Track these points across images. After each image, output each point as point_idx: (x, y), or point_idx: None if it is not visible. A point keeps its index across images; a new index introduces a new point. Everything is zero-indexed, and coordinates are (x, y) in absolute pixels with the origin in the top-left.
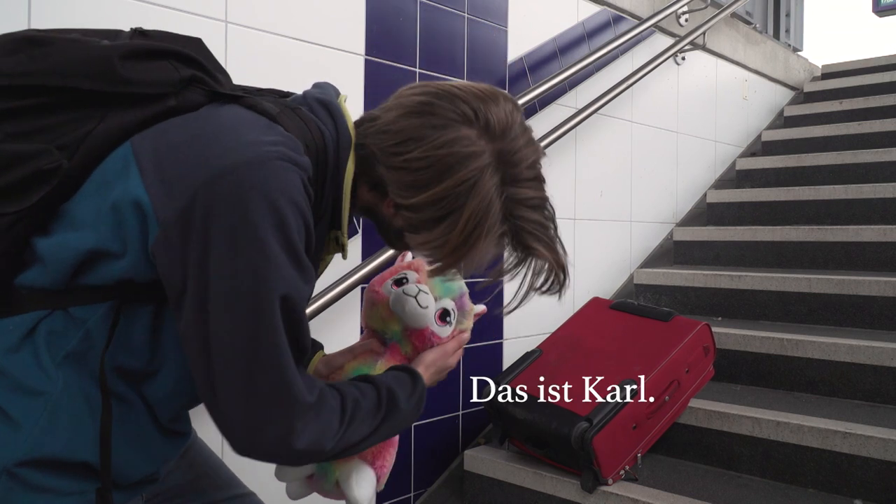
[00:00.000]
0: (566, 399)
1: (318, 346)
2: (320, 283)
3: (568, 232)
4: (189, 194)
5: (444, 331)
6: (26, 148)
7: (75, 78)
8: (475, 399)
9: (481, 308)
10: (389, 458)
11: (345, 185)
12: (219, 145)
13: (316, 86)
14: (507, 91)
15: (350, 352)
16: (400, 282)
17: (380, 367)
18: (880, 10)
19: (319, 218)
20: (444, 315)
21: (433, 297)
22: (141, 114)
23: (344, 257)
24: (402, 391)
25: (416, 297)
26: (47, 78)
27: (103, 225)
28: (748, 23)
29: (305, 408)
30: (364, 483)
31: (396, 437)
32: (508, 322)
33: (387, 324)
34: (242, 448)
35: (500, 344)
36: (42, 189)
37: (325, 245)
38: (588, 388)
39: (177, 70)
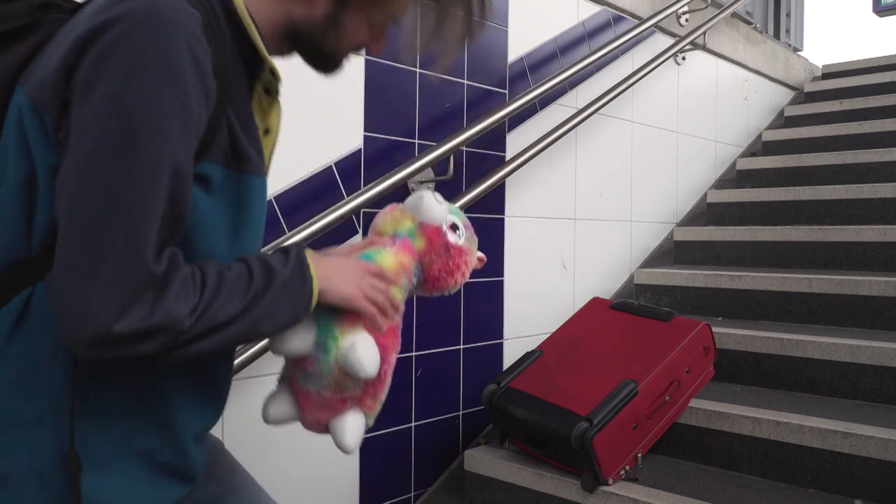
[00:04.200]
0: (566, 399)
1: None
2: None
3: (568, 232)
4: (79, 45)
5: (454, 237)
6: None
7: None
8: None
9: (482, 255)
10: (393, 340)
11: (239, 10)
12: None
13: None
14: (507, 91)
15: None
16: None
17: (386, 254)
18: (880, 10)
19: (230, 77)
20: (454, 226)
21: None
22: (12, 58)
23: (275, 94)
24: (276, 260)
25: (432, 193)
26: None
27: (19, 157)
28: (748, 23)
29: (152, 279)
30: (368, 348)
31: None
32: (508, 322)
33: (399, 223)
34: (73, 335)
35: (501, 344)
36: None
37: (258, 107)
38: (588, 388)
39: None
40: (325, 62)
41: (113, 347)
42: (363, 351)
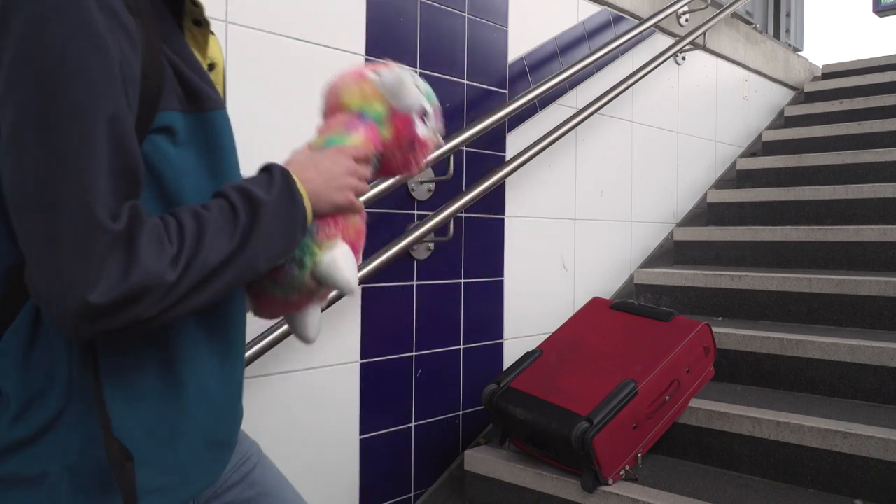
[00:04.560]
0: (566, 399)
1: None
2: None
3: (568, 232)
4: None
5: (422, 129)
6: None
7: None
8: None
9: (440, 141)
10: (356, 233)
11: None
12: None
13: None
14: (507, 91)
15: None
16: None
17: (353, 139)
18: (880, 10)
19: (152, 14)
20: (424, 114)
21: None
22: None
23: (206, 25)
24: (256, 185)
25: (413, 76)
26: None
27: None
28: (748, 23)
29: (114, 238)
30: (350, 263)
31: (358, 222)
32: (509, 322)
33: (369, 101)
34: (56, 312)
35: (501, 344)
36: None
37: (193, 42)
38: (588, 388)
39: None
40: None
41: (102, 320)
42: (345, 267)
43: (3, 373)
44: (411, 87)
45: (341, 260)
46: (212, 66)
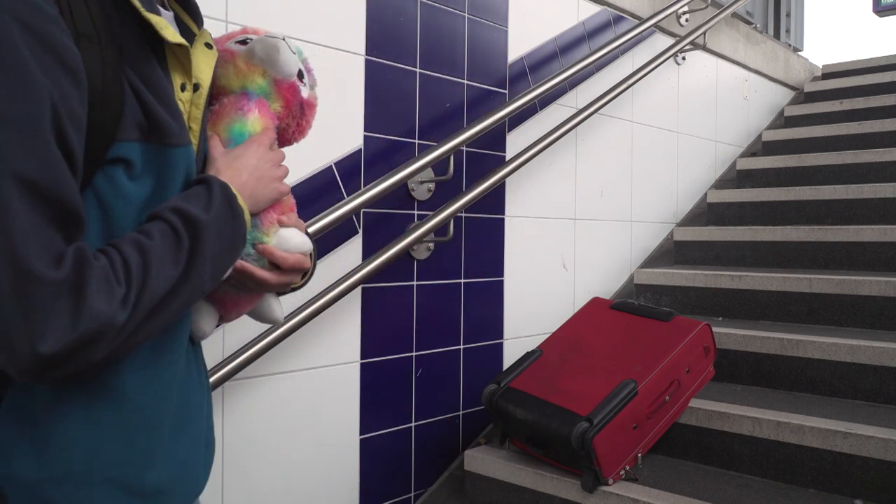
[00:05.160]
0: (566, 399)
1: None
2: (320, 284)
3: (568, 232)
4: None
5: (305, 91)
6: None
7: None
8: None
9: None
10: (290, 209)
11: None
12: None
13: None
14: (507, 91)
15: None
16: (245, 42)
17: (252, 122)
18: (880, 10)
19: (115, 39)
20: (300, 74)
21: None
22: None
23: (200, 22)
24: (194, 203)
25: (285, 40)
26: None
27: None
28: (749, 23)
29: (57, 287)
30: (295, 233)
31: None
32: (509, 322)
33: (248, 78)
34: (12, 369)
35: (501, 344)
36: None
37: (176, 63)
38: (588, 388)
39: None
40: None
41: (56, 368)
42: (295, 237)
43: None
44: (288, 52)
45: (288, 235)
46: (196, 87)
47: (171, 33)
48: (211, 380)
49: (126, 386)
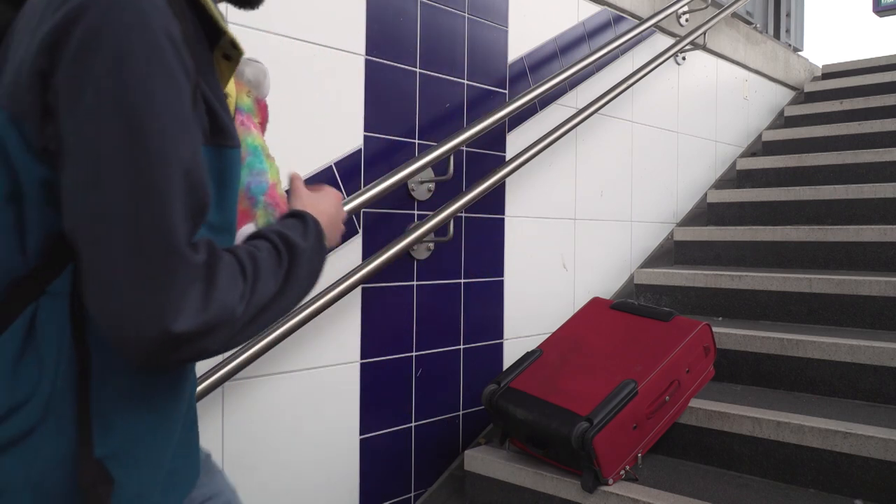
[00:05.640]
0: (566, 399)
1: None
2: (320, 284)
3: (568, 232)
4: (48, 45)
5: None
6: None
7: None
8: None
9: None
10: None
11: None
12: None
13: None
14: (507, 91)
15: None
16: None
17: (255, 135)
18: (880, 10)
19: (196, 48)
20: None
21: None
22: None
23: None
24: (293, 231)
25: (260, 63)
26: None
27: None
28: (749, 23)
29: (196, 271)
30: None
31: None
32: (509, 322)
33: (238, 95)
34: (137, 343)
35: (501, 344)
36: None
37: (220, 75)
38: (588, 388)
39: None
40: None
41: (177, 350)
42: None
43: None
44: (269, 76)
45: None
46: (226, 96)
47: (239, 55)
48: (211, 380)
49: (185, 383)
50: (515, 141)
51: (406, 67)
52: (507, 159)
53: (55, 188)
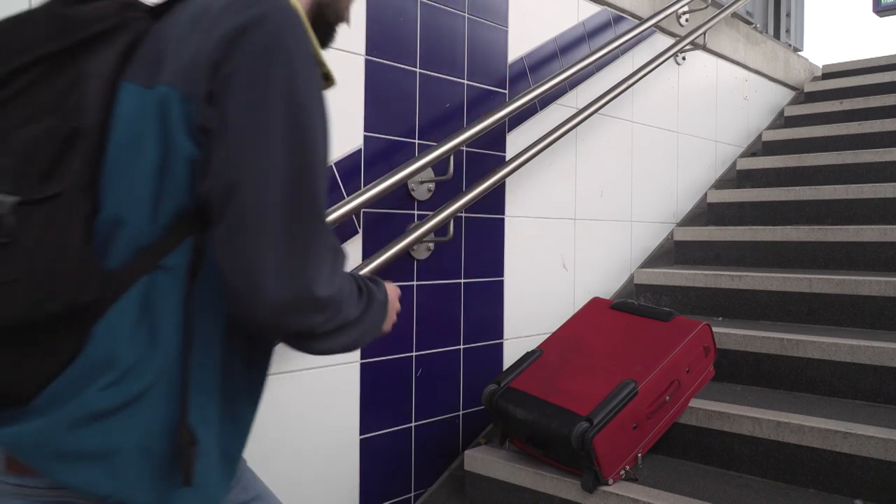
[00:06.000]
0: (566, 399)
1: None
2: None
3: (568, 232)
4: (227, 41)
5: None
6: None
7: (40, 46)
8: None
9: None
10: None
11: (300, 13)
12: (226, 8)
13: None
14: (507, 91)
15: None
16: None
17: None
18: (880, 10)
19: None
20: None
21: None
22: (110, 56)
23: (330, 84)
24: (373, 284)
25: None
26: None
27: (149, 147)
28: (749, 23)
29: (333, 253)
30: None
31: None
32: (509, 322)
33: None
34: (273, 297)
35: (501, 344)
36: (76, 157)
37: None
38: (588, 388)
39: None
40: (331, 36)
41: (299, 315)
42: None
43: (117, 334)
44: None
45: None
46: None
47: (332, 77)
48: None
49: (265, 380)
50: (515, 141)
51: (406, 67)
52: (507, 159)
53: (197, 169)
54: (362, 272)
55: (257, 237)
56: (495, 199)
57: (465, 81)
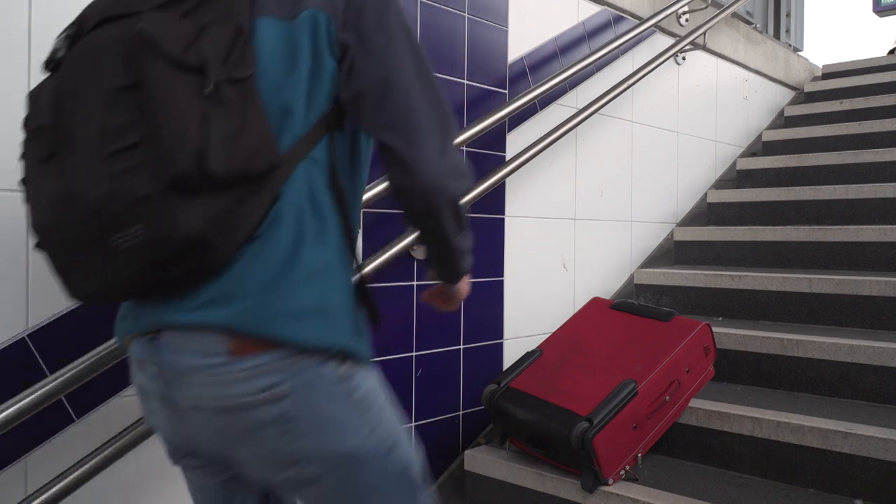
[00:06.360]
0: (566, 399)
1: None
2: None
3: (568, 232)
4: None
5: None
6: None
7: None
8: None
9: None
10: None
11: None
12: None
13: None
14: (507, 91)
15: None
16: None
17: None
18: (880, 10)
19: None
20: None
21: None
22: None
23: None
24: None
25: None
26: None
27: (304, 56)
28: (749, 23)
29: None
30: None
31: None
32: (509, 322)
33: None
34: (436, 163)
35: (501, 344)
36: (249, 53)
37: None
38: (588, 388)
39: None
40: None
41: (446, 191)
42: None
43: (299, 201)
44: None
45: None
46: None
47: None
48: None
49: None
50: (515, 141)
51: None
52: (507, 159)
53: (334, 80)
54: (362, 272)
55: (419, 118)
56: (495, 199)
57: (465, 81)
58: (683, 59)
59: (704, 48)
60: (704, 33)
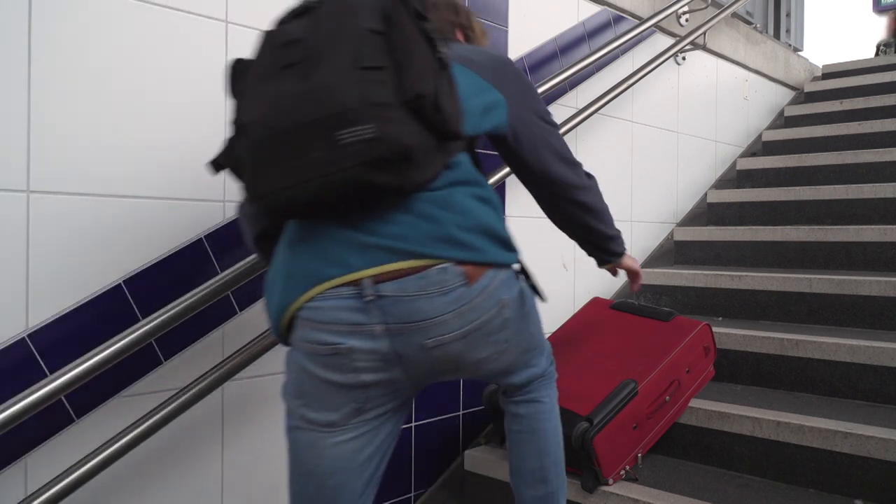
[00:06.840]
0: (566, 399)
1: None
2: None
3: None
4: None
5: None
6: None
7: None
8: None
9: None
10: None
11: None
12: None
13: None
14: None
15: None
16: None
17: None
18: (880, 10)
19: None
20: None
21: None
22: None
23: None
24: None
25: None
26: None
27: (480, 98)
28: (749, 23)
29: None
30: None
31: None
32: None
33: None
34: (556, 167)
35: None
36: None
37: None
38: (588, 388)
39: None
40: None
41: (567, 165)
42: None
43: (470, 166)
44: None
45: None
46: None
47: None
48: (210, 379)
49: None
50: None
51: None
52: None
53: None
54: None
55: (545, 148)
56: None
57: None
58: (683, 59)
59: (704, 48)
60: (704, 33)
